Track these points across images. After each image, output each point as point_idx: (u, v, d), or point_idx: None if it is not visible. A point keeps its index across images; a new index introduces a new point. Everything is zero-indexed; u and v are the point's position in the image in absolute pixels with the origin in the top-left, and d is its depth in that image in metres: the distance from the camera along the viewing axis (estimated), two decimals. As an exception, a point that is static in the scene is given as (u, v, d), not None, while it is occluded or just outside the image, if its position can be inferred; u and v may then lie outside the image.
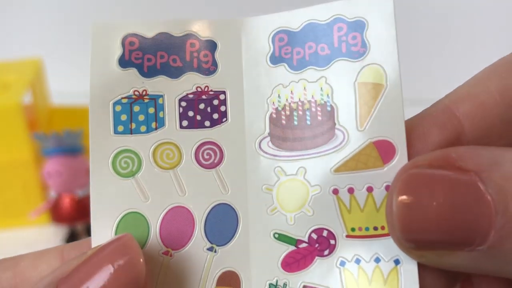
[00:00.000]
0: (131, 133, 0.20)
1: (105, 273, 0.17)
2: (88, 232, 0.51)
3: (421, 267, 0.18)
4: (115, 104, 0.20)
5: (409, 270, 0.18)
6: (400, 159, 0.18)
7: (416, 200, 0.17)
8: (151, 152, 0.20)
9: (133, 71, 0.20)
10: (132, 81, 0.20)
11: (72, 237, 0.52)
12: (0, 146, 0.51)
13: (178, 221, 0.20)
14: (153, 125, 0.20)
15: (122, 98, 0.20)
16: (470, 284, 0.19)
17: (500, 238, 0.16)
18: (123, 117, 0.20)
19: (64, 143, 0.50)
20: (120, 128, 0.20)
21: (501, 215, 0.15)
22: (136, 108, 0.20)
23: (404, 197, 0.17)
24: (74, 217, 0.51)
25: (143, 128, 0.20)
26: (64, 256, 0.20)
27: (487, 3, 0.66)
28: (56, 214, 0.52)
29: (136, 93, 0.20)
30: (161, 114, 0.20)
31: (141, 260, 0.17)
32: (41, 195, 0.53)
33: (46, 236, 0.53)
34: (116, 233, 0.19)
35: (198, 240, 0.20)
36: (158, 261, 0.19)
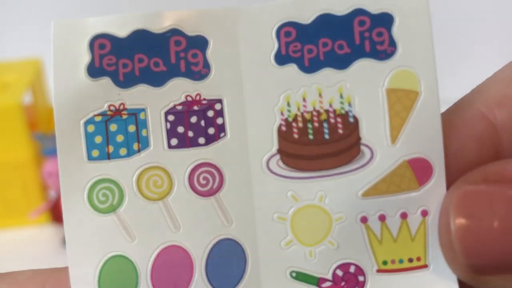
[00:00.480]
0: (109, 158, 0.16)
1: None
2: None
3: None
4: (86, 123, 0.16)
5: None
6: (438, 180, 0.16)
7: (478, 220, 0.15)
8: (134, 180, 0.16)
9: (106, 81, 0.16)
10: (106, 94, 0.16)
11: (72, 237, 0.52)
12: (0, 146, 0.51)
13: (172, 264, 0.16)
14: (135, 146, 0.16)
15: (95, 115, 0.16)
16: None
17: None
18: (98, 139, 0.16)
19: (64, 143, 0.49)
20: (95, 153, 0.16)
21: None
22: (113, 127, 0.16)
23: (463, 218, 0.15)
24: (74, 217, 0.50)
25: (123, 151, 0.16)
26: None
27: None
28: (56, 214, 0.51)
29: (112, 108, 0.16)
30: (144, 133, 0.16)
31: None
32: (41, 195, 0.53)
33: (46, 236, 0.53)
34: (99, 283, 0.16)
35: (199, 287, 0.16)
36: None
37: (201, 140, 0.16)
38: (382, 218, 0.16)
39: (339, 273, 0.16)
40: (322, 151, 0.16)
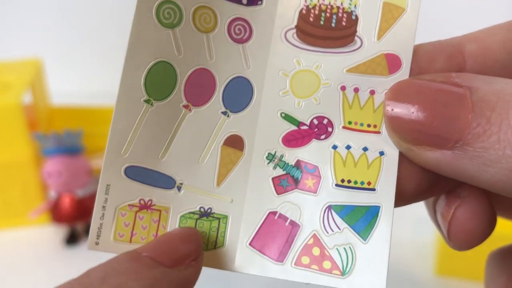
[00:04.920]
0: None
1: None
2: (87, 233, 0.51)
3: (401, 163, 0.22)
4: None
5: (391, 161, 0.22)
6: (403, 73, 0.22)
7: (408, 97, 0.20)
8: (192, 11, 0.21)
9: None
10: None
11: (72, 237, 0.52)
12: (0, 146, 0.51)
13: (202, 81, 0.22)
14: None
15: None
16: (456, 195, 0.23)
17: (474, 135, 0.18)
18: None
19: (64, 143, 0.50)
20: None
21: (478, 116, 0.18)
22: None
23: (392, 98, 0.20)
24: (74, 217, 0.52)
25: None
26: None
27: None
28: (56, 214, 0.52)
29: None
30: None
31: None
32: (41, 195, 0.54)
33: (46, 236, 0.53)
34: (146, 76, 0.21)
35: (216, 103, 0.22)
36: (178, 112, 0.21)
37: (244, 1, 0.22)
38: (356, 90, 0.22)
39: (315, 122, 0.22)
40: (327, 34, 0.22)
